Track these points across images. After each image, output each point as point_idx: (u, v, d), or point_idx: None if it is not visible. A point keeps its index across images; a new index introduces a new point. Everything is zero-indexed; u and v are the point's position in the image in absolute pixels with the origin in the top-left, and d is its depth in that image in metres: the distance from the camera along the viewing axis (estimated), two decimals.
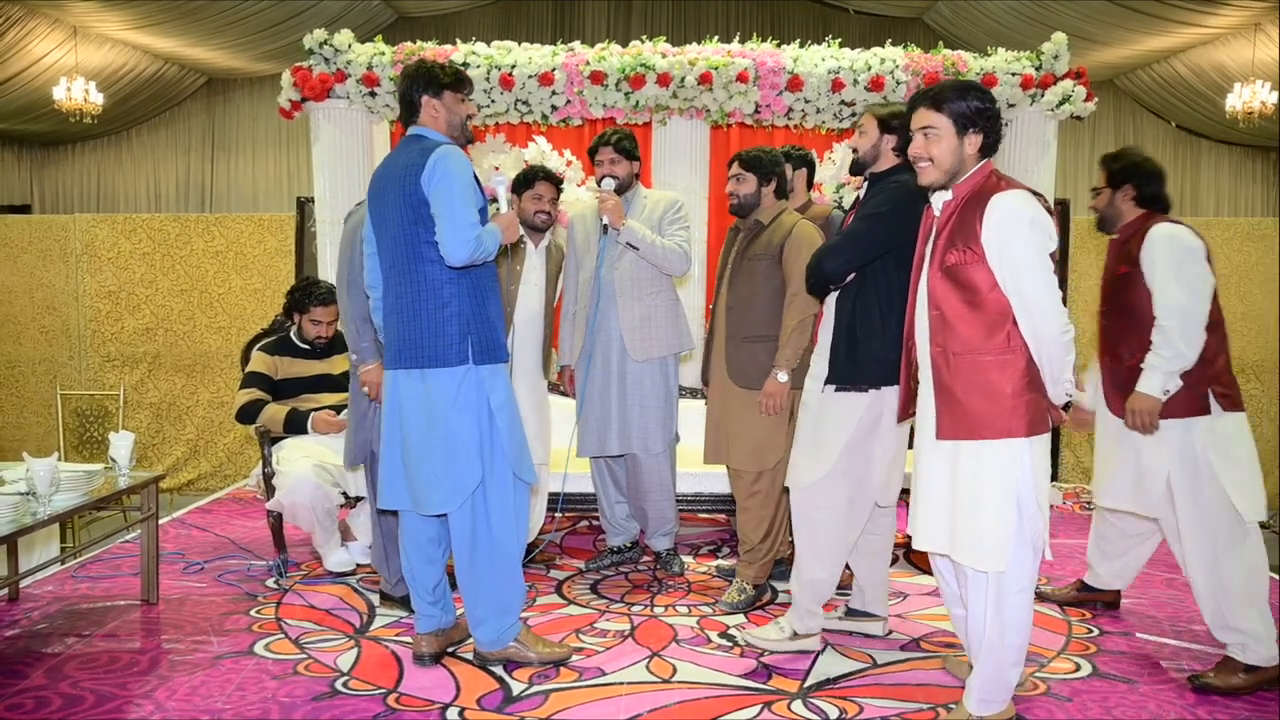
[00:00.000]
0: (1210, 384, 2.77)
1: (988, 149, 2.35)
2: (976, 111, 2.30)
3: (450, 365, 2.63)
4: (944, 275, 2.32)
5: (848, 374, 2.74)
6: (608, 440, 3.54)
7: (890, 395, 2.71)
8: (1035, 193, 2.30)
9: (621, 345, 3.52)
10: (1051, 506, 4.74)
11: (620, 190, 3.51)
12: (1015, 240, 2.23)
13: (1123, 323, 2.89)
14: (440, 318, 2.63)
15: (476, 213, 2.58)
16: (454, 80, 2.74)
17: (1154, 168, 2.94)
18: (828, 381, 2.78)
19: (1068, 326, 2.24)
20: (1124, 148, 3.07)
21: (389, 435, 2.74)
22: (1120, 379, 2.89)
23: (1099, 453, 3.09)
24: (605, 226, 3.48)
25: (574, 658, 2.87)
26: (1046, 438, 2.32)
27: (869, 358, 2.72)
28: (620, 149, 3.51)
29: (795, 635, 2.89)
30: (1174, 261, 2.75)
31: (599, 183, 3.52)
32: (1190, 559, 2.74)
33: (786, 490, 2.99)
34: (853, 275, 2.75)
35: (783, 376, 3.14)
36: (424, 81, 2.70)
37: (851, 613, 3.09)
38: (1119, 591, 3.34)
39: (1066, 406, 2.33)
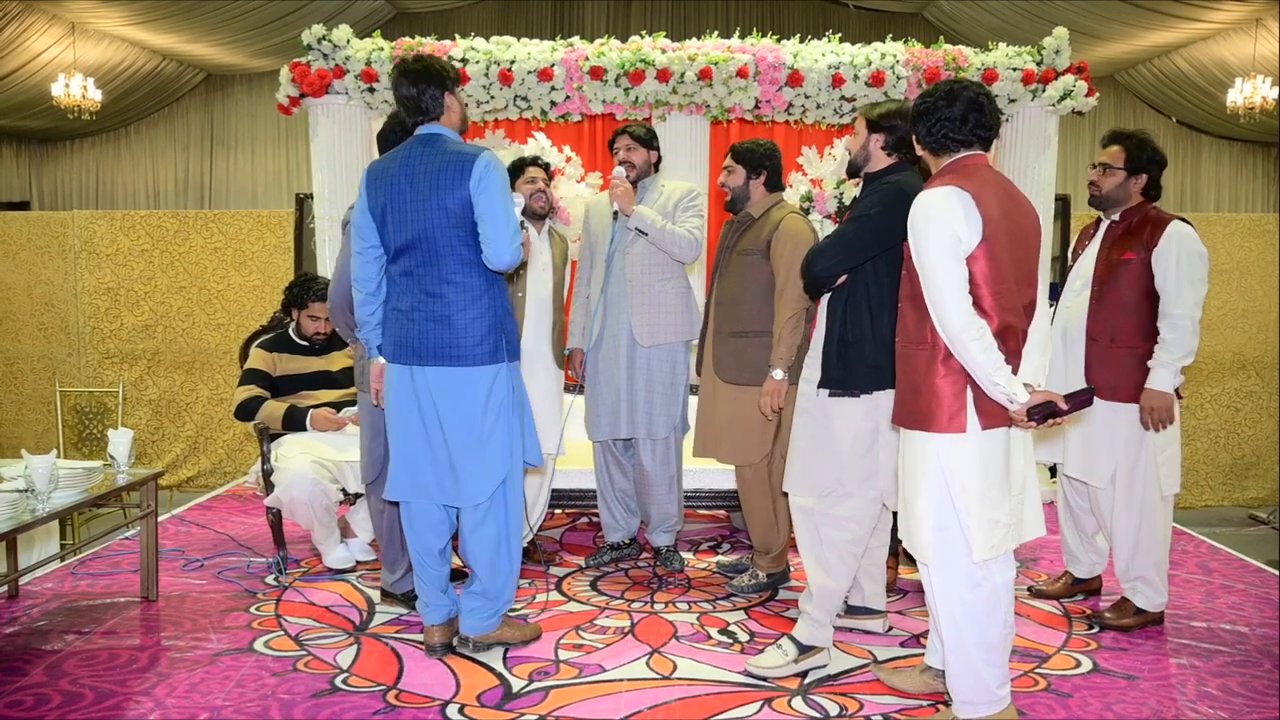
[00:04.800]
0: None
1: (933, 148, 2.36)
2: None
3: (484, 364, 2.69)
4: (905, 271, 2.37)
5: (840, 379, 2.71)
6: (619, 423, 3.55)
7: (886, 400, 2.65)
8: (970, 188, 2.23)
9: (631, 330, 3.53)
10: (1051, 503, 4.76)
11: (637, 179, 3.54)
12: (918, 235, 2.26)
13: (1113, 306, 3.01)
14: (474, 318, 2.68)
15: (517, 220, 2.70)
16: (457, 76, 2.79)
17: (1165, 160, 3.07)
18: (821, 385, 2.75)
19: (968, 324, 2.18)
20: (1143, 132, 3.07)
21: (411, 428, 2.74)
22: (1095, 357, 3.03)
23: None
24: (616, 212, 3.49)
25: (574, 655, 2.87)
26: (985, 438, 2.25)
27: (860, 362, 2.68)
28: (636, 136, 3.57)
29: (801, 651, 2.76)
30: (1190, 262, 2.90)
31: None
32: (1118, 523, 3.06)
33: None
34: (845, 278, 2.72)
35: (778, 374, 3.13)
36: (442, 78, 2.72)
37: (852, 610, 3.07)
38: (1099, 576, 3.45)
39: (1047, 414, 2.20)
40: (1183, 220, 2.97)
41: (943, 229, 2.21)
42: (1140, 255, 2.95)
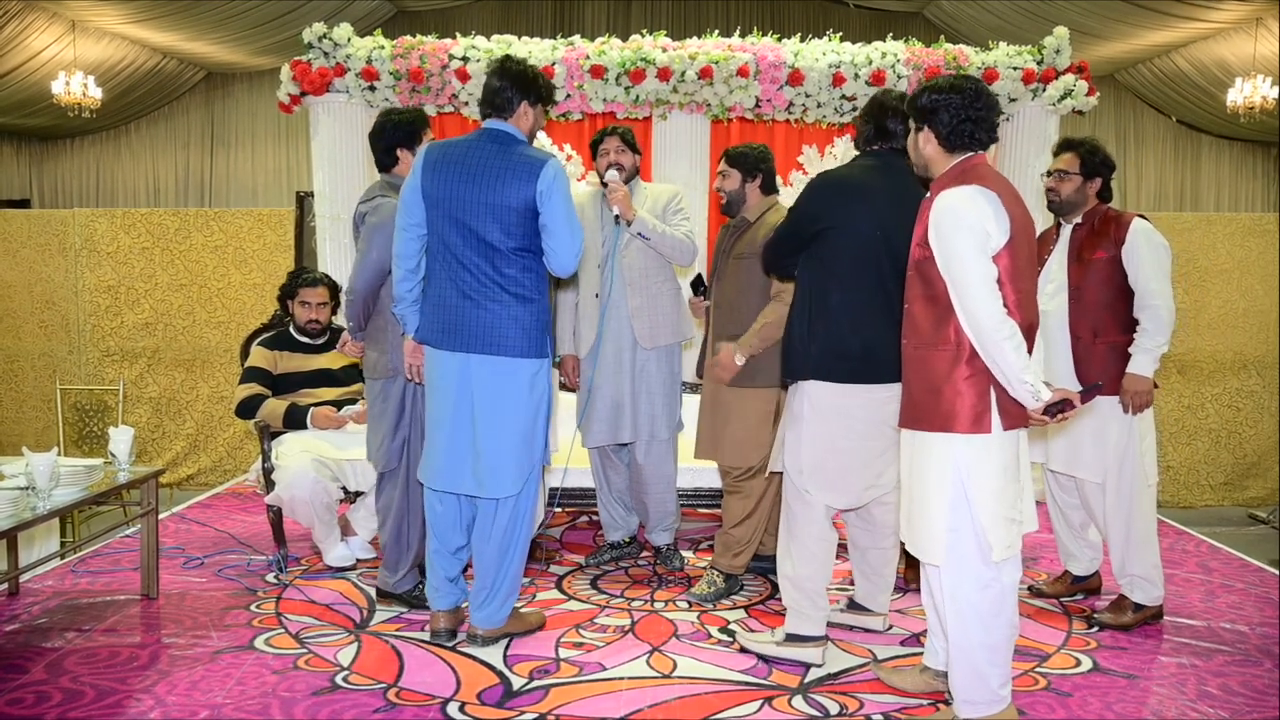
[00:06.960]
0: None
1: (951, 144, 2.32)
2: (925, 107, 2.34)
3: (530, 357, 2.75)
4: (915, 271, 2.35)
5: (783, 371, 2.89)
6: (620, 428, 3.55)
7: (798, 389, 2.75)
8: (993, 188, 2.25)
9: (631, 333, 3.53)
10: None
11: (624, 181, 3.54)
12: (946, 233, 2.23)
13: (1093, 304, 3.08)
14: (523, 313, 2.74)
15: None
16: (551, 96, 2.92)
17: (1115, 165, 3.20)
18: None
19: (1001, 323, 2.16)
20: (1092, 138, 3.22)
21: (459, 413, 2.76)
22: (1081, 354, 3.09)
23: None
24: (616, 217, 3.48)
25: (574, 653, 2.88)
26: (1004, 439, 2.25)
27: (781, 352, 2.87)
28: (627, 140, 3.57)
29: (788, 638, 2.80)
30: (1157, 255, 3.03)
31: (603, 174, 3.54)
32: (1111, 517, 3.10)
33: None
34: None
35: (739, 358, 3.18)
36: (528, 88, 2.79)
37: (853, 605, 3.09)
38: (1098, 573, 3.46)
39: (1059, 410, 2.19)
40: (1141, 217, 3.11)
41: (973, 228, 2.20)
42: (1111, 252, 3.06)
